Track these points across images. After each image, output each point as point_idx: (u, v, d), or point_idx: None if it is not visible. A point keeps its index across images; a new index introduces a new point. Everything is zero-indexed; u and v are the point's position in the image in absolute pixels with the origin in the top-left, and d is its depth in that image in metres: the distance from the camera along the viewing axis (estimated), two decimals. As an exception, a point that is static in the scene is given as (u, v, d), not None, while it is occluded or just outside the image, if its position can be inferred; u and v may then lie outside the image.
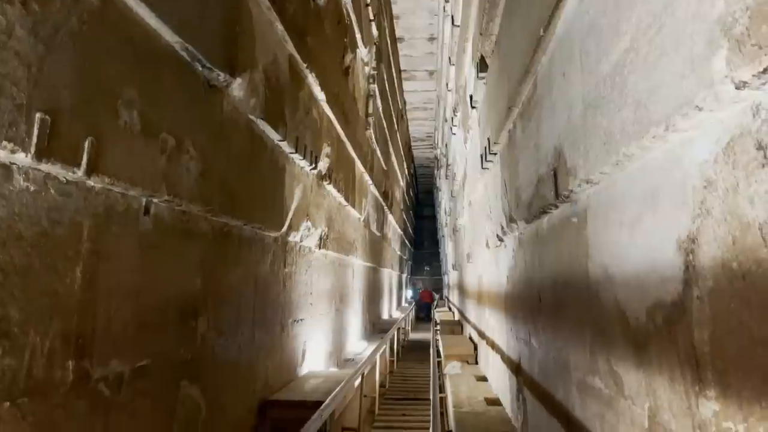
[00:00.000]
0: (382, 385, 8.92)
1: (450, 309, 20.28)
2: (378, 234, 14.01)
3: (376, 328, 13.81)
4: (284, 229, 5.19)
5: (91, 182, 2.34)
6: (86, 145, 2.25)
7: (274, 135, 4.69)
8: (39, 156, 2.01)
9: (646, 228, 1.79)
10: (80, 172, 2.23)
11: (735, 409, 1.28)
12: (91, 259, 2.36)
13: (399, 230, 21.87)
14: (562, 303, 2.95)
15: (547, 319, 3.34)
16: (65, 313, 2.20)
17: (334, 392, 4.52)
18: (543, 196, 3.08)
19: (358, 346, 10.46)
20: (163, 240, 2.97)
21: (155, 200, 2.87)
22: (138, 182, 2.64)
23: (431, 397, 4.94)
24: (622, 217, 2.01)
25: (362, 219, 10.89)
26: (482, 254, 7.20)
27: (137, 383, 2.70)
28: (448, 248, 20.89)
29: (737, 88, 1.18)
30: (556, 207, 2.94)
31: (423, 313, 25.35)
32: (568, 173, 2.52)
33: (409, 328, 18.07)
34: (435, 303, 25.55)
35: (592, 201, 2.37)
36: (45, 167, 2.08)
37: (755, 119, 1.20)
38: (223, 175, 3.70)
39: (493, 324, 6.44)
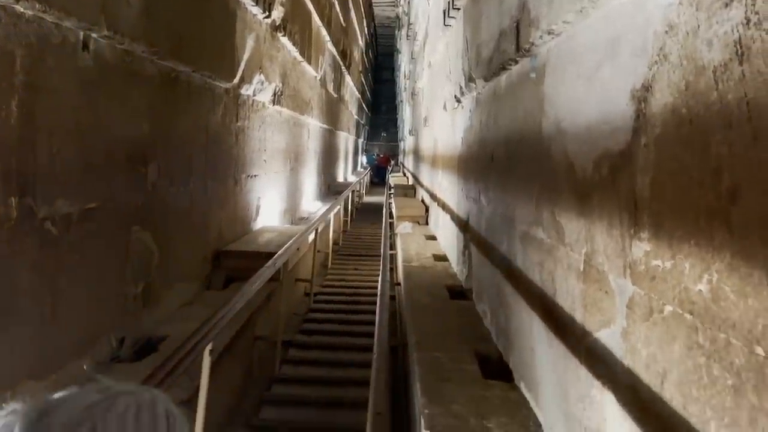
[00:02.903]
0: (335, 243, 9.19)
1: (404, 174, 20.57)
2: (335, 95, 13.69)
3: (331, 190, 13.95)
4: (236, 80, 4.99)
5: (20, 7, 2.14)
6: (10, -37, 2.03)
7: (224, -25, 4.35)
8: (-44, -29, 1.81)
9: (603, 78, 1.78)
10: (6, -5, 2.03)
11: (665, 248, 1.36)
12: (27, 92, 2.22)
13: (357, 93, 21.41)
14: (514, 160, 3.01)
15: (497, 176, 3.41)
16: (3, 149, 2.11)
17: (288, 243, 4.62)
18: (504, 51, 3.01)
19: (312, 205, 10.60)
20: (105, 79, 2.81)
21: (94, 35, 2.67)
22: (73, 12, 2.43)
23: (382, 252, 5.13)
24: (580, 69, 1.99)
25: (319, 77, 10.55)
26: (439, 117, 7.17)
27: (86, 225, 2.67)
28: (405, 113, 20.75)
29: None
30: (516, 62, 2.89)
31: (378, 179, 25.62)
32: (531, 24, 2.44)
33: (364, 191, 18.36)
34: (390, 168, 25.80)
35: (552, 54, 2.33)
36: (-36, -15, 1.88)
37: (727, -45, 1.16)
38: (169, 15, 3.44)
39: (445, 185, 6.58)
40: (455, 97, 5.15)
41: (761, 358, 0.98)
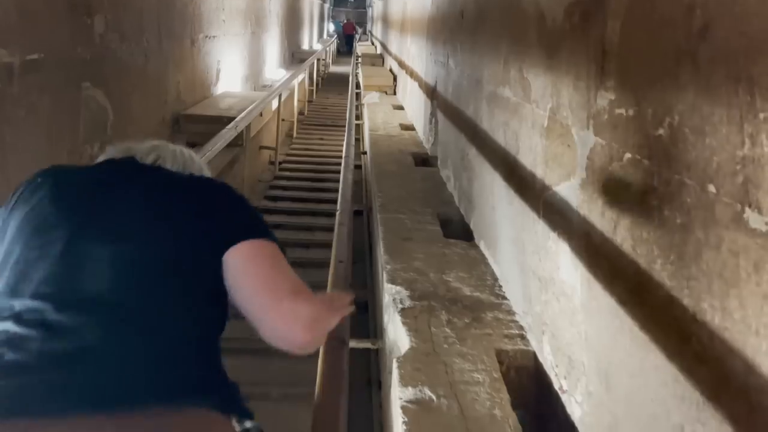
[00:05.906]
0: (300, 112, 8.99)
1: (373, 43, 19.87)
2: (298, -47, 12.75)
3: (295, 57, 13.39)
4: (188, -74, 4.56)
5: None
6: None
7: None
8: None
9: None
10: None
11: (629, 95, 1.34)
12: None
13: (322, -48, 19.96)
14: (484, 17, 2.89)
15: (466, 36, 3.30)
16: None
17: (251, 107, 4.48)
18: None
19: (276, 73, 10.21)
20: None
21: None
22: None
23: (347, 119, 5.04)
24: None
25: (280, -69, 9.76)
26: (409, -23, 6.78)
27: (30, 77, 2.51)
28: (374, -23, 19.60)
29: None
30: None
31: (345, 48, 24.64)
32: None
33: (330, 60, 17.69)
34: (358, 36, 24.83)
35: None
36: None
37: None
38: None
39: (414, 52, 6.37)
40: (426, -48, 4.84)
41: (712, 195, 1.00)
